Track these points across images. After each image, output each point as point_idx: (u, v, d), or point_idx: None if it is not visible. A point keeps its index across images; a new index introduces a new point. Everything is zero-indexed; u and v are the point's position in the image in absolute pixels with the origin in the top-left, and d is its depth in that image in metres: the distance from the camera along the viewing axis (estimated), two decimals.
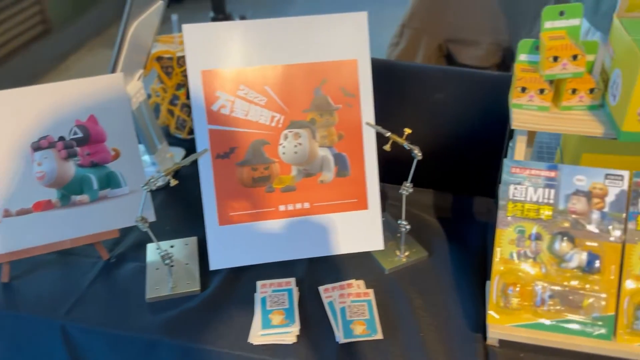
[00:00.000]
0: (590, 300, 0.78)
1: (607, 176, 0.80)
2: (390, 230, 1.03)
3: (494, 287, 0.81)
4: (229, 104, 0.92)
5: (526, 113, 0.85)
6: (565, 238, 0.78)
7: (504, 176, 0.82)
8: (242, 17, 3.25)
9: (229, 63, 0.91)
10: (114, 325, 0.88)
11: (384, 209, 1.07)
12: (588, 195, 0.80)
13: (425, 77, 1.09)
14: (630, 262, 0.78)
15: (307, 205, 0.95)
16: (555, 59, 0.81)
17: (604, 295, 0.78)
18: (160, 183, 1.11)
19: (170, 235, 1.03)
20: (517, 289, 0.79)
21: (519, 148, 0.87)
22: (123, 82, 0.95)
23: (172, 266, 0.92)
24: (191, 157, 0.88)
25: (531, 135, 0.97)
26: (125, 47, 0.99)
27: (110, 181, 0.96)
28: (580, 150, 0.88)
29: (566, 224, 0.80)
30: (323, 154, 0.95)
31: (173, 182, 0.86)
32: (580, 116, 0.85)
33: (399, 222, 0.97)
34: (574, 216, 0.80)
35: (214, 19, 3.27)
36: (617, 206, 0.79)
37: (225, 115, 0.92)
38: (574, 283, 0.79)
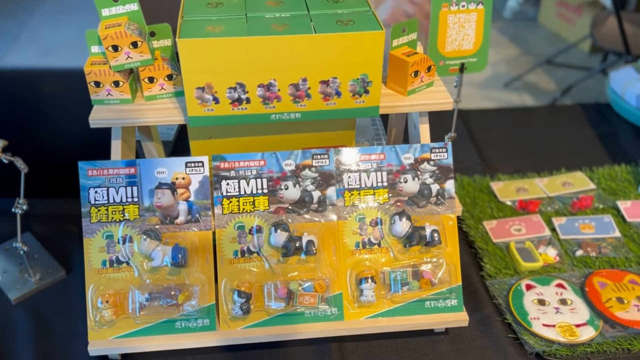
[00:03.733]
0: (187, 293, 0.76)
1: (187, 164, 0.77)
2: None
3: (88, 301, 0.75)
4: None
5: (108, 109, 0.79)
6: (146, 237, 0.74)
7: (82, 180, 0.76)
8: None
9: None
10: None
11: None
12: (172, 186, 0.77)
13: (20, 80, 0.98)
14: (222, 248, 0.77)
15: None
16: (116, 48, 0.75)
17: (197, 289, 0.76)
18: None
19: None
20: (108, 299, 0.74)
21: (114, 146, 0.81)
22: None
23: None
24: None
25: (151, 130, 0.92)
26: None
27: None
28: (189, 139, 0.85)
29: (155, 220, 0.76)
30: None
31: None
32: (166, 104, 0.81)
33: (14, 244, 0.87)
34: (161, 211, 0.76)
35: None
36: (202, 193, 0.77)
37: None
38: (167, 279, 0.75)
